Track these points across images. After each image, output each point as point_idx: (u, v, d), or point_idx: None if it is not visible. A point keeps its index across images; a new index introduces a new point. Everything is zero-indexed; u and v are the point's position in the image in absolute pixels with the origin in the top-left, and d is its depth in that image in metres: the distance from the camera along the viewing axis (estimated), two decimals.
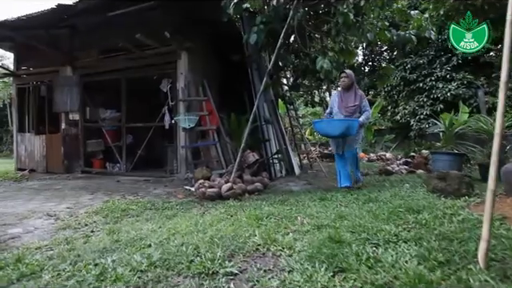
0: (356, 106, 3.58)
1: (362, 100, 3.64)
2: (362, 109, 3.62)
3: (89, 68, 6.01)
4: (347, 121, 3.50)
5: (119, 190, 4.14)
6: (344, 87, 3.71)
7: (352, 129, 3.40)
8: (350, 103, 3.62)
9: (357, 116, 3.58)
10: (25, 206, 3.22)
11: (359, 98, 3.63)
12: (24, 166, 6.75)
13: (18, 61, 6.91)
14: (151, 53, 5.32)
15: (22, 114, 6.87)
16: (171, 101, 5.22)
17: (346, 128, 3.39)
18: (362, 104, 3.62)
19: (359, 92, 3.71)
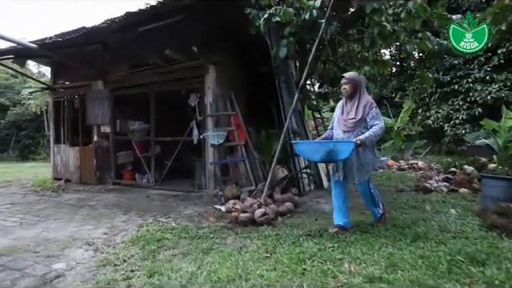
0: (358, 120, 2.80)
1: (369, 110, 2.78)
2: (368, 122, 2.79)
3: (119, 82, 6.13)
4: (328, 143, 2.77)
5: (150, 209, 4.16)
6: (346, 95, 2.95)
7: (339, 153, 2.62)
8: (350, 115, 2.85)
9: (359, 132, 2.77)
10: (65, 229, 3.30)
11: (363, 108, 2.79)
12: (60, 175, 7.05)
13: (54, 75, 7.22)
14: (179, 67, 5.33)
15: (58, 126, 7.17)
16: (199, 115, 5.19)
17: (328, 153, 2.63)
18: (369, 115, 2.77)
19: (365, 100, 2.85)
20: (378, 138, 2.83)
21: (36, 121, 14.62)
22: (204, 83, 5.14)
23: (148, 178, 6.48)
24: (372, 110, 2.80)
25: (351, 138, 2.79)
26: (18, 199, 5.26)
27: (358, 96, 2.89)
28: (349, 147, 2.60)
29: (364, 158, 2.83)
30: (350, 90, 2.89)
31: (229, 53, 5.59)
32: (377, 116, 2.80)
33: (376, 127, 2.74)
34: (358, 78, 3.00)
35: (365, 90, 2.97)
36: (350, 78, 2.92)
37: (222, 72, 5.28)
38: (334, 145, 2.69)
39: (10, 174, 9.32)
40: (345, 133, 2.89)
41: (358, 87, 2.90)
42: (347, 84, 2.90)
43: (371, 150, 2.88)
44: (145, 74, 5.77)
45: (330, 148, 2.65)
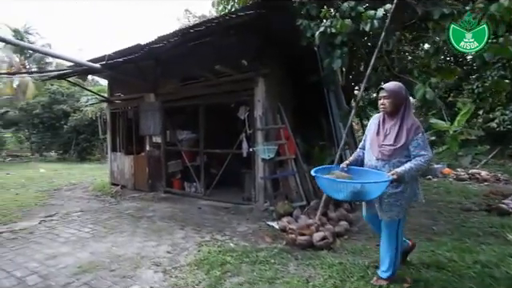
0: (398, 148, 2.19)
1: (414, 136, 2.17)
2: (411, 151, 2.19)
3: (169, 95, 6.38)
4: (355, 184, 2.11)
5: (204, 224, 4.26)
6: (385, 112, 2.33)
7: (368, 193, 2.09)
8: (388, 140, 2.25)
9: (397, 163, 2.19)
10: (131, 244, 3.50)
11: (407, 132, 2.18)
12: (116, 181, 7.58)
13: (111, 88, 7.77)
14: (227, 80, 5.37)
15: (114, 135, 7.70)
16: (249, 129, 5.20)
17: (354, 193, 2.09)
18: (413, 143, 2.17)
19: (409, 122, 2.21)
20: (422, 171, 2.22)
21: (92, 125, 15.94)
22: (253, 96, 5.13)
23: (196, 186, 6.70)
24: (418, 136, 2.18)
25: (385, 169, 2.22)
26: (85, 205, 5.74)
27: (400, 115, 2.24)
28: (381, 187, 2.04)
29: (399, 190, 2.21)
30: (390, 107, 2.26)
31: (277, 64, 5.53)
32: (424, 144, 2.17)
33: (421, 159, 2.14)
34: (403, 92, 2.28)
35: (411, 109, 2.29)
36: (392, 91, 2.26)
37: (271, 84, 5.22)
38: (363, 186, 2.10)
39: (73, 176, 10.26)
40: (378, 161, 2.29)
41: (401, 104, 2.25)
42: (387, 99, 2.26)
43: (411, 183, 2.25)
44: (194, 86, 5.93)
45: (356, 189, 2.09)
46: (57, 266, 2.92)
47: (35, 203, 6.10)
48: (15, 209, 5.58)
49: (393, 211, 2.25)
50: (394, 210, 2.24)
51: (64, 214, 5.04)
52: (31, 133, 18.04)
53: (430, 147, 2.24)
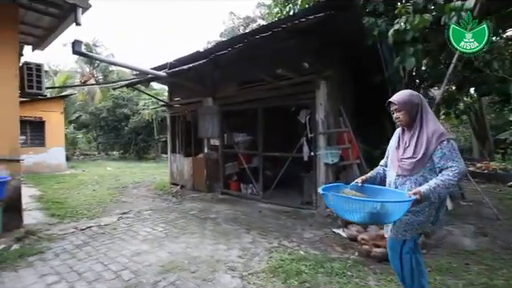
0: (418, 160, 1.91)
1: (437, 145, 1.86)
2: (436, 163, 1.87)
3: (227, 98, 6.57)
4: (373, 203, 1.75)
5: (269, 229, 4.28)
6: (402, 126, 2.08)
7: (388, 215, 1.74)
8: (407, 153, 1.98)
9: (421, 178, 1.91)
10: (203, 246, 3.65)
11: (427, 141, 1.89)
12: (176, 181, 8.05)
13: (170, 93, 8.27)
14: (287, 83, 5.34)
15: (174, 138, 8.19)
16: (310, 132, 5.10)
17: (372, 214, 1.73)
18: (437, 153, 1.86)
19: (430, 129, 1.91)
20: (454, 187, 1.78)
21: (148, 127, 17.23)
22: (314, 99, 5.01)
23: (252, 188, 6.80)
24: (442, 144, 1.85)
25: (406, 186, 1.94)
26: (152, 204, 6.18)
27: (418, 125, 1.97)
28: (402, 208, 1.72)
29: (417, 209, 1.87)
30: (405, 120, 2.02)
31: (338, 66, 5.34)
32: (451, 154, 1.82)
33: (449, 172, 1.78)
34: (416, 100, 2.00)
35: (430, 114, 1.99)
36: (402, 102, 2.00)
37: (333, 86, 5.06)
38: (382, 206, 1.72)
39: (135, 175, 11.16)
40: (398, 177, 2.00)
41: (416, 113, 1.99)
42: (399, 111, 2.03)
43: (436, 205, 1.91)
44: (253, 90, 6.01)
45: (375, 209, 1.73)
46: (142, 263, 3.16)
47: (110, 200, 6.73)
48: (95, 204, 6.23)
49: (399, 227, 1.95)
50: (401, 226, 1.94)
51: (136, 211, 5.48)
52: (98, 134, 20.13)
53: (460, 157, 1.83)
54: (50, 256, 3.36)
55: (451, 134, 1.89)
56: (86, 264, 3.14)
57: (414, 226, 1.93)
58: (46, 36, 5.90)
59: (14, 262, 3.15)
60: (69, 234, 4.17)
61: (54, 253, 3.45)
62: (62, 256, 3.35)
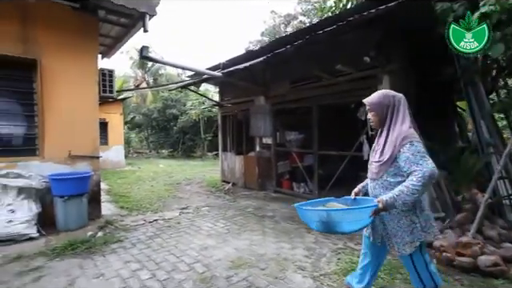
0: (383, 163, 1.83)
1: (400, 148, 1.75)
2: (402, 167, 1.75)
3: (280, 97, 6.54)
4: (321, 212, 1.79)
5: None
6: (373, 127, 2.03)
7: (338, 225, 1.70)
8: (376, 156, 1.93)
9: (386, 183, 1.83)
10: (266, 244, 3.67)
11: (393, 144, 1.80)
12: (227, 178, 8.27)
13: (221, 93, 8.51)
14: (344, 79, 5.14)
15: (225, 137, 8.42)
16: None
17: (324, 223, 1.74)
18: (401, 156, 1.74)
19: (396, 131, 1.81)
20: (424, 191, 1.67)
21: (195, 126, 18.01)
22: None
23: (305, 187, 6.71)
24: (405, 147, 1.73)
25: (377, 191, 1.88)
26: (207, 200, 6.42)
27: (387, 127, 1.89)
28: (356, 217, 1.67)
29: (396, 225, 1.83)
30: (375, 121, 1.96)
31: (401, 59, 4.97)
32: (414, 157, 1.69)
33: (412, 178, 1.65)
34: (386, 101, 1.91)
35: (401, 117, 1.85)
36: (372, 103, 1.95)
37: (396, 81, 4.73)
38: (328, 214, 1.73)
39: (186, 172, 11.74)
40: (371, 181, 1.97)
41: (386, 115, 1.90)
42: (371, 112, 1.98)
43: (410, 212, 1.80)
44: (306, 87, 5.90)
45: (324, 217, 1.74)
46: (211, 257, 3.28)
47: (167, 195, 7.15)
48: (155, 199, 6.66)
49: (397, 242, 1.86)
50: (399, 240, 1.85)
51: (195, 207, 5.72)
52: (150, 133, 21.60)
53: (426, 160, 1.68)
54: (128, 245, 3.65)
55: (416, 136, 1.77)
56: (160, 254, 3.35)
57: (405, 239, 1.83)
58: (114, 45, 6.46)
59: (101, 248, 3.48)
60: (139, 225, 4.50)
61: (131, 242, 3.74)
62: (139, 246, 3.62)
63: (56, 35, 4.17)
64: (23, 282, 2.73)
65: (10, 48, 3.83)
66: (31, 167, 3.97)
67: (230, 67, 7.14)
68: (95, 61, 4.57)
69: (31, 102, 4.10)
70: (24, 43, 3.92)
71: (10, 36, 3.83)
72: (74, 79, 4.32)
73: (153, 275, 2.84)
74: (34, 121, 4.12)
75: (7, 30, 3.82)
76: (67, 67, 4.26)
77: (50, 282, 2.73)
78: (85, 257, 3.27)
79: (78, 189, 3.96)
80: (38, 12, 4.03)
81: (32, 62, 3.99)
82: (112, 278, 2.79)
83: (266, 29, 28.54)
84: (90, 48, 4.51)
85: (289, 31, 27.70)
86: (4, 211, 3.54)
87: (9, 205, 3.60)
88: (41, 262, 3.12)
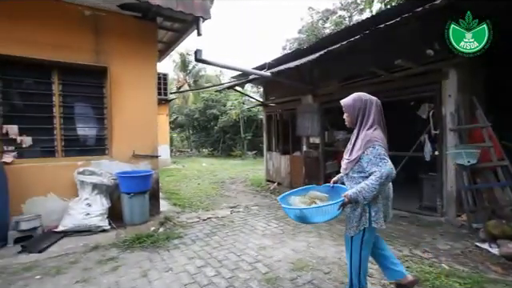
0: (351, 161, 2.07)
1: (364, 151, 1.97)
2: (365, 168, 1.98)
3: (328, 95, 6.36)
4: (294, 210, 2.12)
5: (391, 234, 3.93)
6: (348, 127, 2.21)
7: (311, 218, 2.06)
8: (347, 153, 2.17)
9: (352, 179, 2.08)
10: (324, 246, 3.59)
11: (359, 145, 2.02)
12: (272, 178, 8.28)
13: (266, 93, 8.53)
14: (401, 75, 4.82)
15: (270, 136, 8.43)
16: (434, 129, 4.49)
17: (298, 218, 2.11)
18: (364, 158, 1.97)
19: (363, 134, 2.03)
20: (382, 188, 1.90)
21: (235, 126, 18.36)
22: (440, 90, 4.38)
23: None
24: (368, 150, 1.96)
25: (348, 184, 2.15)
26: (254, 199, 6.48)
27: (358, 128, 2.11)
28: (327, 211, 2.00)
29: (352, 212, 2.07)
30: (348, 121, 2.19)
31: None
32: (375, 159, 1.92)
33: (372, 177, 1.90)
34: (358, 104, 2.10)
35: (373, 119, 2.04)
36: (345, 105, 2.17)
37: (465, 74, 4.32)
38: (301, 211, 2.07)
39: (228, 171, 12.01)
40: (344, 176, 2.23)
41: (357, 117, 2.09)
42: (345, 113, 2.19)
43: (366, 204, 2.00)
44: (358, 85, 5.64)
45: (298, 214, 2.10)
46: (271, 257, 3.28)
47: (215, 193, 7.36)
48: (204, 197, 6.89)
49: (347, 224, 2.14)
50: (348, 224, 2.13)
51: (244, 206, 5.80)
52: (191, 133, 22.51)
53: (385, 162, 1.89)
54: (188, 241, 3.81)
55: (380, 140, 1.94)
56: (221, 252, 3.43)
57: (353, 224, 2.07)
58: (165, 50, 6.79)
59: (164, 243, 3.68)
60: (194, 222, 4.68)
61: (190, 239, 3.90)
62: (198, 243, 3.76)
63: (121, 43, 4.49)
64: (103, 270, 2.98)
65: (86, 58, 4.21)
66: (102, 165, 4.33)
67: (276, 67, 7.13)
68: (155, 65, 4.84)
69: (101, 105, 4.48)
70: (97, 53, 4.28)
71: (86, 47, 4.22)
72: (136, 84, 4.62)
73: (217, 272, 2.92)
74: (104, 123, 4.49)
75: (84, 41, 4.20)
76: (131, 73, 4.57)
77: (125, 272, 2.95)
78: (151, 251, 3.47)
79: (142, 186, 4.23)
80: (107, 24, 4.37)
81: (103, 69, 4.34)
82: (180, 273, 2.92)
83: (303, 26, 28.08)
84: (150, 53, 4.79)
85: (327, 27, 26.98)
86: (82, 205, 3.91)
87: (86, 199, 3.97)
88: (115, 253, 3.39)
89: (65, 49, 4.06)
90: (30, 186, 3.88)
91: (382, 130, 2.04)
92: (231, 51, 56.22)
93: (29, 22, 3.85)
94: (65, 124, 4.23)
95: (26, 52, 3.82)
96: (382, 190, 1.95)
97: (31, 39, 3.85)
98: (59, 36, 4.03)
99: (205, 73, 23.69)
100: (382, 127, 2.07)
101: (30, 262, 3.16)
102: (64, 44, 4.06)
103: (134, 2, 4.09)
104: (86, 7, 4.22)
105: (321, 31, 26.93)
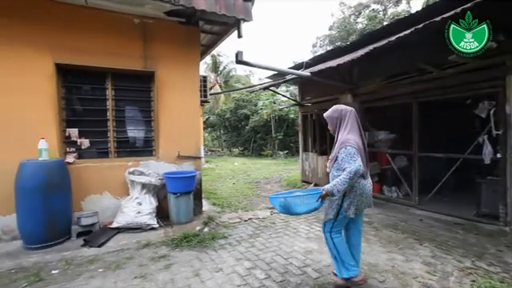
0: (331, 160, 2.50)
1: (339, 150, 2.39)
2: (339, 164, 2.38)
3: (370, 94, 6.10)
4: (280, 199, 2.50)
5: (447, 243, 3.67)
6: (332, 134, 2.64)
7: (294, 207, 2.45)
8: (330, 155, 2.57)
9: (332, 176, 2.50)
10: (375, 253, 3.45)
11: (336, 148, 2.45)
12: (307, 179, 8.15)
13: (301, 93, 8.41)
14: (454, 71, 4.48)
15: (305, 137, 8.30)
16: (495, 129, 4.11)
17: (284, 208, 2.47)
18: (339, 157, 2.38)
19: (339, 137, 2.47)
20: (351, 182, 2.30)
21: (266, 126, 18.37)
22: (504, 87, 4.00)
23: (396, 191, 6.17)
24: (341, 150, 2.38)
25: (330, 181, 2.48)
26: None
27: (337, 134, 2.54)
28: (308, 201, 2.44)
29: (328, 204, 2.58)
30: (330, 129, 2.66)
31: None
32: (346, 157, 2.33)
33: (344, 172, 2.29)
34: (335, 115, 2.57)
35: (348, 125, 2.49)
36: (327, 117, 2.63)
37: None
38: (285, 199, 2.49)
39: (261, 171, 12.04)
40: (329, 174, 2.59)
41: (335, 125, 2.56)
42: (328, 123, 2.64)
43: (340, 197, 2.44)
44: (404, 83, 5.35)
45: (282, 203, 2.48)
46: (320, 262, 3.22)
47: (251, 193, 7.40)
48: (241, 197, 6.96)
49: (325, 213, 2.61)
50: (326, 212, 2.59)
51: None
52: (222, 133, 22.92)
53: (354, 160, 2.28)
54: (233, 242, 3.86)
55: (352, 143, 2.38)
56: (267, 255, 3.43)
57: (328, 212, 2.54)
58: (204, 52, 6.92)
59: (210, 243, 3.77)
60: (236, 223, 4.74)
61: (235, 239, 3.95)
62: (244, 244, 3.79)
63: (167, 48, 4.67)
64: (157, 267, 3.12)
65: (136, 64, 4.43)
66: (149, 166, 4.54)
67: (314, 65, 7.00)
68: (197, 68, 4.97)
69: (149, 108, 4.69)
70: (145, 58, 4.49)
71: (136, 54, 4.44)
72: (180, 86, 4.77)
73: (267, 275, 2.92)
74: (151, 125, 4.70)
75: (134, 48, 4.43)
76: (175, 76, 4.73)
77: (178, 270, 3.05)
78: (200, 250, 3.57)
79: (187, 187, 4.37)
80: (154, 30, 4.56)
81: (151, 74, 4.55)
82: (231, 274, 2.96)
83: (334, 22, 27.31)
84: (193, 57, 4.92)
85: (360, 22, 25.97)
86: (134, 203, 4.13)
87: (136, 198, 4.19)
88: (165, 251, 3.53)
89: (117, 56, 4.30)
90: (89, 184, 4.17)
91: (356, 133, 2.45)
92: (260, 50, 56.33)
93: (88, 33, 4.13)
94: (117, 127, 4.49)
95: (85, 61, 4.10)
96: (352, 183, 2.34)
97: (89, 49, 4.13)
98: (113, 44, 4.28)
99: (235, 73, 24.00)
100: (357, 131, 2.48)
101: (91, 255, 3.39)
102: (117, 52, 4.30)
103: (180, 8, 4.22)
104: (136, 16, 4.43)
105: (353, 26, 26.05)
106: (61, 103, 4.12)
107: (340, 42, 23.41)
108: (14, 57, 3.74)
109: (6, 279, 2.86)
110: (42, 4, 3.87)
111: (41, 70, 3.89)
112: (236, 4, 4.48)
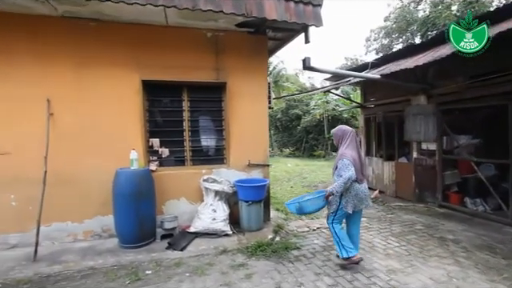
0: (334, 169, 3.31)
1: (337, 161, 3.23)
2: (339, 172, 3.18)
3: (449, 95, 5.51)
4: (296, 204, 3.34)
5: None
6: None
7: (306, 208, 3.33)
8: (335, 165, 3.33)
9: (333, 179, 3.33)
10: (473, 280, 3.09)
11: (337, 158, 3.28)
12: (371, 185, 7.69)
13: (364, 94, 7.98)
14: None
15: (368, 140, 7.86)
16: None
17: (299, 209, 3.33)
18: (338, 166, 3.19)
19: (340, 151, 3.29)
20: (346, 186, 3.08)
21: (319, 126, 17.93)
22: None
23: (483, 204, 5.47)
24: (339, 162, 3.17)
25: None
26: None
27: (339, 149, 3.33)
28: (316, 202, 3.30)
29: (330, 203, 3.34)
30: (335, 143, 3.49)
31: None
32: (342, 167, 3.10)
33: (341, 178, 3.07)
34: (339, 133, 3.40)
35: (347, 142, 3.29)
36: (333, 134, 3.49)
37: None
38: (299, 203, 3.31)
39: (316, 173, 11.78)
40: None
41: (338, 142, 3.40)
42: (334, 139, 3.48)
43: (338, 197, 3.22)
44: (494, 82, 4.70)
45: (297, 206, 3.30)
46: (407, 285, 2.98)
47: None
48: None
49: (328, 208, 3.42)
50: (329, 208, 3.39)
51: None
52: (274, 133, 23.02)
53: (348, 170, 3.07)
54: (307, 254, 3.81)
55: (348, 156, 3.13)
56: (347, 271, 3.30)
57: (332, 207, 3.34)
58: None
59: (285, 254, 3.77)
60: (305, 232, 4.68)
61: (309, 251, 3.89)
62: (319, 256, 3.72)
63: (236, 58, 4.80)
64: (239, 276, 3.22)
65: (210, 76, 4.65)
66: (221, 174, 4.73)
67: (380, 66, 6.57)
68: (265, 76, 5.02)
69: (220, 118, 4.88)
70: (217, 70, 4.68)
71: (209, 66, 4.65)
72: (249, 95, 4.87)
73: None
74: (222, 134, 4.89)
75: (207, 61, 4.65)
76: (245, 85, 4.83)
77: (260, 281, 3.10)
78: (276, 261, 3.59)
79: (259, 195, 4.45)
80: (225, 41, 4.73)
81: (222, 84, 4.73)
82: None
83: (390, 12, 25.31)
84: (261, 64, 4.97)
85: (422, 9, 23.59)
86: (209, 210, 4.35)
87: (211, 205, 4.40)
88: (242, 259, 3.63)
89: (193, 69, 4.56)
90: (168, 190, 4.51)
91: (353, 149, 3.23)
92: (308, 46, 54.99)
93: (168, 50, 4.45)
94: (192, 136, 4.77)
95: (166, 76, 4.44)
96: (347, 186, 3.11)
97: (169, 64, 4.45)
98: (189, 59, 4.55)
99: (285, 73, 23.83)
100: (354, 147, 3.25)
101: (176, 258, 3.66)
102: (192, 65, 4.56)
103: (251, 19, 4.29)
104: (209, 30, 4.64)
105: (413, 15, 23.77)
106: (145, 115, 4.52)
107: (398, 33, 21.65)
108: (112, 76, 4.24)
109: (112, 275, 3.24)
110: (137, 30, 4.29)
111: (131, 87, 4.32)
112: (306, 10, 4.39)
